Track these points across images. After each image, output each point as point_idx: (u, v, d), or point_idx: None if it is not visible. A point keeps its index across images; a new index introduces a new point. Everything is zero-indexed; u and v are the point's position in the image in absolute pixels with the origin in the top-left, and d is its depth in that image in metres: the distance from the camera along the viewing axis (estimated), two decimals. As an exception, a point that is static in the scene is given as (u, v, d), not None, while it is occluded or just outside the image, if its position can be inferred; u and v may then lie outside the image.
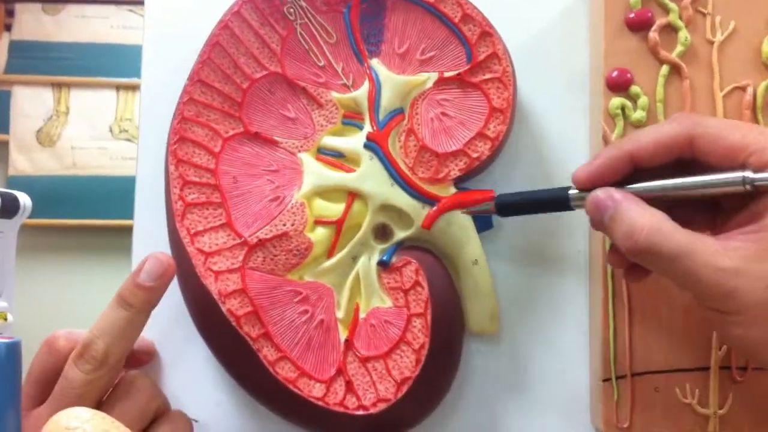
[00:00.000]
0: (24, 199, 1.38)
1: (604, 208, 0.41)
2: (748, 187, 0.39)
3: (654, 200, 0.41)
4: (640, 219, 0.39)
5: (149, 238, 0.52)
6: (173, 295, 0.50)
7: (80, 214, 2.07)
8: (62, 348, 0.47)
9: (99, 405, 0.46)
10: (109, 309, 0.46)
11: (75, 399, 0.44)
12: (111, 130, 2.14)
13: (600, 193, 0.41)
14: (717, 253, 0.37)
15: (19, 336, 0.49)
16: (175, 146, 0.49)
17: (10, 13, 2.17)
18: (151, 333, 0.52)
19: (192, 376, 0.52)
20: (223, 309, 0.47)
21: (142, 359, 0.51)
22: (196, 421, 0.51)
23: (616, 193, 0.41)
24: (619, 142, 0.43)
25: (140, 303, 0.46)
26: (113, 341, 0.45)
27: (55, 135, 2.14)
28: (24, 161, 2.13)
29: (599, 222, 0.41)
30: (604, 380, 0.48)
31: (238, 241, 0.48)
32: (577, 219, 0.51)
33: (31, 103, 2.15)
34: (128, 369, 0.50)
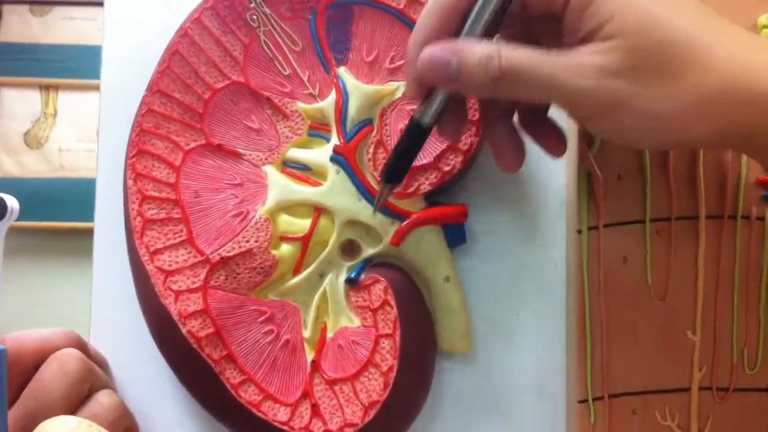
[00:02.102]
0: (11, 202, 1.36)
1: (446, 60, 0.36)
2: None
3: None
4: (491, 48, 0.35)
5: (110, 246, 0.50)
6: (136, 313, 0.48)
7: (68, 216, 2.04)
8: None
9: (26, 382, 0.44)
10: None
11: None
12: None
13: (432, 50, 0.36)
14: (571, 58, 0.35)
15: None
16: (134, 159, 0.46)
17: (-2, 16, 2.14)
18: (113, 351, 0.50)
19: (155, 397, 0.49)
20: (184, 330, 0.44)
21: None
22: None
23: (449, 43, 0.36)
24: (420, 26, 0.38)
25: None
26: None
27: (42, 137, 2.11)
28: (11, 163, 2.10)
29: (446, 77, 0.36)
30: (581, 401, 0.45)
31: (200, 258, 0.45)
32: (554, 232, 0.49)
33: (18, 105, 2.12)
34: None
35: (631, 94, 0.34)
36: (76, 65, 2.11)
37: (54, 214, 2.05)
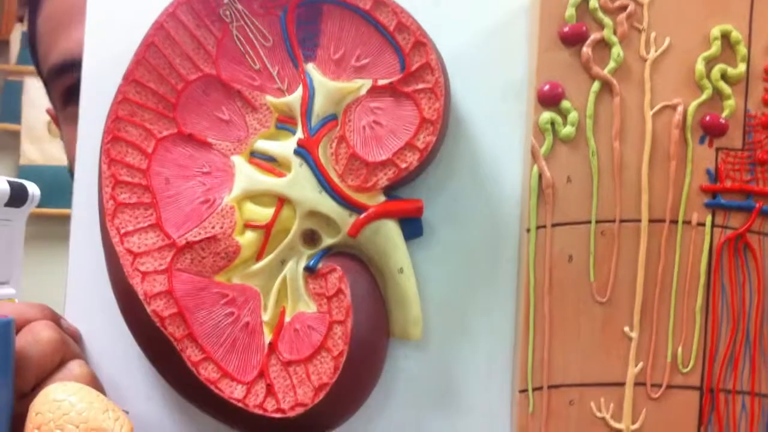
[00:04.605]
0: (33, 189, 1.35)
1: None
2: None
3: None
4: None
5: (86, 226, 0.49)
6: (107, 289, 0.47)
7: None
8: None
9: None
10: None
11: None
12: (117, 120, 2.10)
13: None
14: None
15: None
16: (108, 145, 0.46)
17: (24, 5, 2.13)
18: (84, 325, 0.49)
19: (124, 370, 0.49)
20: (149, 310, 0.44)
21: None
22: (127, 412, 0.48)
23: None
24: None
25: None
26: None
27: (64, 125, 2.10)
28: (35, 151, 2.10)
29: None
30: (521, 391, 0.45)
31: (167, 242, 0.45)
32: (508, 228, 0.48)
33: (42, 94, 2.10)
34: None
35: None
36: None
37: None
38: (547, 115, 0.45)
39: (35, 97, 2.11)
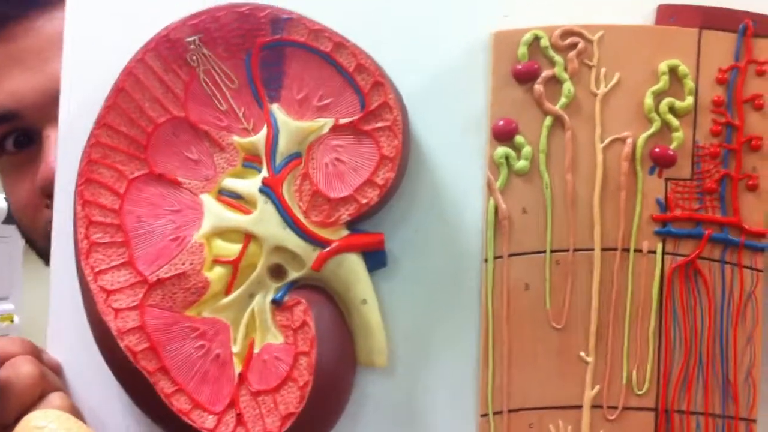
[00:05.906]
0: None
1: None
2: None
3: None
4: None
5: (66, 260, 0.50)
6: (86, 321, 0.48)
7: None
8: None
9: None
10: None
11: None
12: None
13: None
14: None
15: (27, 338, 0.50)
16: (82, 187, 0.47)
17: None
18: (65, 358, 0.51)
19: (104, 401, 0.50)
20: (122, 345, 0.45)
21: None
22: None
23: None
24: None
25: None
26: None
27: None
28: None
29: None
30: (482, 415, 0.46)
31: (139, 279, 0.46)
32: (471, 258, 0.49)
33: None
34: None
35: None
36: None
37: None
38: (501, 150, 0.46)
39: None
